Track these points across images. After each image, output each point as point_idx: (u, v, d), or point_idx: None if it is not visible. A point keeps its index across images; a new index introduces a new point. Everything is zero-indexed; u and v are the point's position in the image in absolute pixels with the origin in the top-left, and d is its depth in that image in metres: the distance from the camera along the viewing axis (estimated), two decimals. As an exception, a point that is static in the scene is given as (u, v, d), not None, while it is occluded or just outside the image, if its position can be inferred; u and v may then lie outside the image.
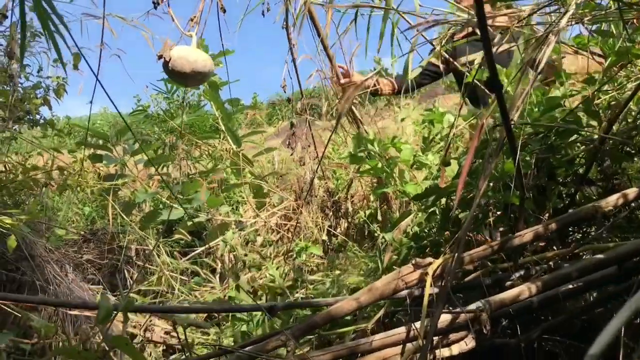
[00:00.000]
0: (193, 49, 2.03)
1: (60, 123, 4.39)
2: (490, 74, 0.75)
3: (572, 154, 1.60)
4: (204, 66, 2.00)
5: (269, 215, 4.07)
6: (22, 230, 2.18)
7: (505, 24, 1.55)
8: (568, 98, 1.65)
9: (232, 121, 4.68)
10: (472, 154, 1.01)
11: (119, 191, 3.94)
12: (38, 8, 0.97)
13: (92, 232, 4.21)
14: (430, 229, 1.74)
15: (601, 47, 1.58)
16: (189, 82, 2.06)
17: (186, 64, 1.97)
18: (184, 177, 4.83)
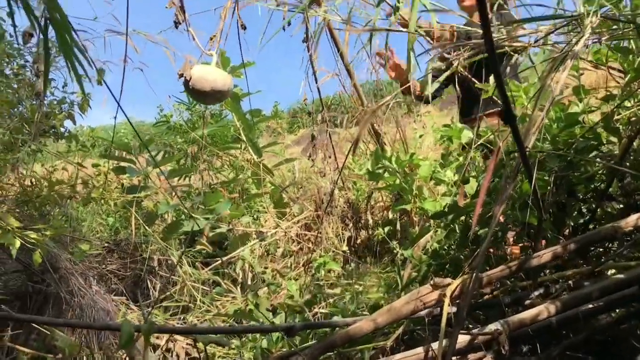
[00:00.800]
0: (213, 68, 2.06)
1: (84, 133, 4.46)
2: (504, 106, 0.75)
3: (592, 170, 1.59)
4: (224, 85, 2.03)
5: (289, 225, 4.10)
6: (47, 245, 2.22)
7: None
8: (587, 114, 1.65)
9: (253, 132, 4.72)
10: (490, 177, 1.01)
11: (142, 202, 3.99)
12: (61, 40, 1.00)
13: (115, 242, 4.27)
14: (449, 246, 1.74)
15: (620, 62, 1.57)
16: (208, 100, 2.09)
17: (206, 83, 2.00)
18: (206, 187, 4.89)
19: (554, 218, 1.67)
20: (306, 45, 2.90)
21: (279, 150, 5.75)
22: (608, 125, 1.56)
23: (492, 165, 1.00)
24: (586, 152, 1.59)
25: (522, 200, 1.46)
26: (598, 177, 1.66)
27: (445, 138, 1.90)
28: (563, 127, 1.56)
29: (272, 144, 5.02)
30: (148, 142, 4.10)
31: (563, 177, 1.56)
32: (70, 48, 1.02)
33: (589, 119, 1.67)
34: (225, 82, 2.04)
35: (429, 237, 1.77)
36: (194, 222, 3.76)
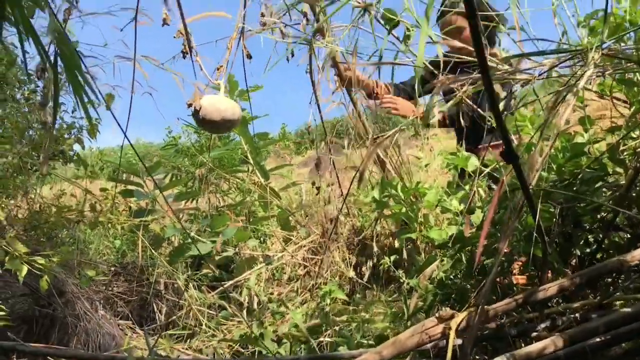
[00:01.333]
0: (222, 98, 2.08)
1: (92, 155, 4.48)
2: (505, 146, 0.76)
3: (598, 201, 1.59)
4: (233, 114, 2.05)
5: (296, 249, 4.09)
6: (54, 271, 2.23)
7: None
8: (592, 144, 1.65)
9: (260, 155, 4.75)
10: (493, 211, 1.01)
11: (149, 225, 4.01)
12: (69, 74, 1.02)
13: (122, 265, 4.28)
14: (455, 275, 1.73)
15: (625, 93, 1.58)
16: (218, 129, 2.11)
17: (215, 113, 2.02)
18: (213, 210, 4.90)
19: (560, 248, 1.66)
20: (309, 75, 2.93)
21: (286, 172, 5.77)
22: (614, 156, 1.57)
23: (496, 198, 1.00)
24: (592, 182, 1.59)
25: (527, 232, 1.46)
26: (604, 208, 1.66)
27: (451, 166, 1.91)
28: (569, 158, 1.56)
29: (279, 167, 5.04)
30: (156, 165, 4.13)
31: (569, 207, 1.56)
32: (78, 82, 1.04)
33: (595, 149, 1.68)
34: (234, 112, 2.06)
35: (435, 266, 1.76)
36: (200, 246, 3.77)
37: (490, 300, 1.51)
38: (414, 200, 1.87)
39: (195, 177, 4.97)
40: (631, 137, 1.62)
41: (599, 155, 1.55)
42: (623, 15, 1.58)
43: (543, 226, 1.25)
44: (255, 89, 4.50)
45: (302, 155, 11.82)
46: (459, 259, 1.66)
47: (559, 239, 1.64)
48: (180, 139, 8.05)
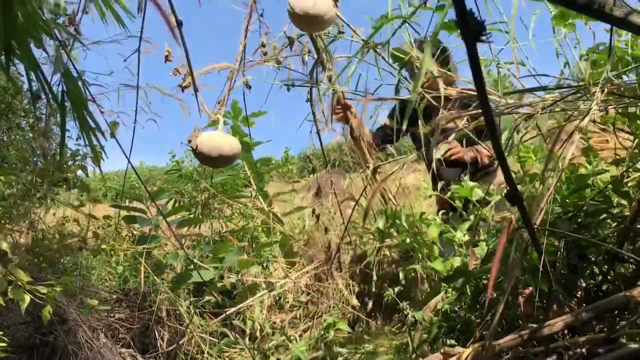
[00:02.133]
0: (219, 134, 2.11)
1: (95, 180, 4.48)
2: (508, 187, 0.76)
3: (603, 234, 1.58)
4: (230, 150, 2.08)
5: (298, 276, 4.07)
6: (56, 301, 2.22)
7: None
8: (596, 176, 1.65)
9: (263, 181, 4.75)
10: (501, 252, 1.01)
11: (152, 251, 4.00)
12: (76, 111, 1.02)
13: (124, 292, 4.26)
14: (460, 307, 1.72)
15: (628, 126, 1.58)
16: (215, 165, 2.13)
17: (213, 149, 2.05)
18: (215, 236, 4.89)
19: (565, 280, 1.65)
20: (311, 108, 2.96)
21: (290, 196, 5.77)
22: (618, 188, 1.56)
23: (503, 241, 1.00)
24: (596, 214, 1.58)
25: (533, 265, 1.45)
26: (609, 240, 1.65)
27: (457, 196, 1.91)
28: (573, 190, 1.56)
29: (281, 192, 5.04)
30: (159, 191, 4.13)
31: (574, 239, 1.55)
32: (85, 119, 1.04)
33: (599, 181, 1.68)
34: (231, 148, 2.08)
35: (439, 298, 1.75)
36: (203, 273, 3.76)
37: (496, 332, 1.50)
38: (417, 231, 1.86)
39: (198, 203, 4.97)
40: (635, 169, 1.62)
41: (603, 187, 1.55)
42: (624, 48, 1.59)
43: (548, 260, 1.24)
44: (259, 114, 4.52)
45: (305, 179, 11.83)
46: (464, 291, 1.65)
47: (564, 271, 1.63)
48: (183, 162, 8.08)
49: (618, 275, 1.72)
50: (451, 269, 1.77)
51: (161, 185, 5.89)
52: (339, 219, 3.34)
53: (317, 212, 3.17)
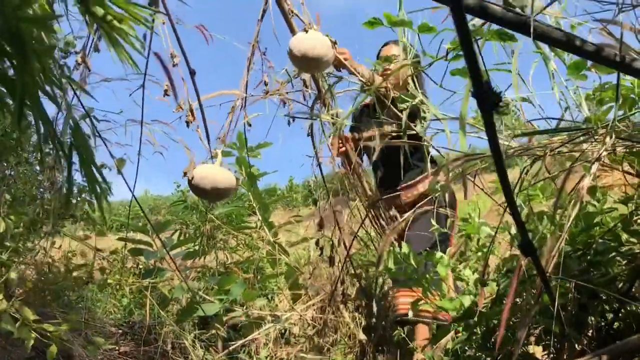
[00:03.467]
0: (216, 168, 2.13)
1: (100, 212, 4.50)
2: (521, 236, 0.76)
3: (613, 272, 1.57)
4: (224, 184, 2.09)
5: (304, 308, 4.04)
6: (62, 339, 2.22)
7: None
8: (605, 214, 1.65)
9: (268, 212, 4.76)
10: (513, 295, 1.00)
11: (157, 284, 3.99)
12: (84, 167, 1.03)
13: (129, 325, 4.24)
14: (470, 346, 1.70)
15: (635, 166, 1.59)
16: (210, 198, 2.15)
17: (207, 183, 2.08)
18: (220, 267, 4.88)
19: (576, 319, 1.64)
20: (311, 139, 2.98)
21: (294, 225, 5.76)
22: (628, 226, 1.56)
23: (514, 285, 1.00)
24: (606, 253, 1.58)
25: (544, 306, 1.44)
26: (619, 278, 1.64)
27: (463, 234, 1.91)
28: (582, 229, 1.55)
29: (287, 223, 5.04)
30: (165, 224, 4.15)
31: (584, 278, 1.54)
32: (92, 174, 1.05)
33: (607, 219, 1.67)
34: (226, 181, 2.10)
35: (449, 337, 1.74)
36: (208, 306, 3.75)
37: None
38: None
39: (204, 234, 4.97)
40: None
41: (613, 225, 1.55)
42: (630, 86, 1.60)
43: (559, 302, 1.24)
44: (264, 145, 4.55)
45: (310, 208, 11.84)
46: (474, 331, 1.63)
47: (574, 310, 1.62)
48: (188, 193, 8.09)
49: (629, 314, 1.71)
50: (460, 308, 1.76)
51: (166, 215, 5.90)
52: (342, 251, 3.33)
53: (321, 245, 3.17)
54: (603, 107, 1.61)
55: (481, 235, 1.88)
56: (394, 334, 2.43)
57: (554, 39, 1.03)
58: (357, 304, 3.38)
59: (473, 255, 1.91)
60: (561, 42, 1.02)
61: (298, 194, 13.30)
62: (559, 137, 1.31)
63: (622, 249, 1.64)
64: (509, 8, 1.08)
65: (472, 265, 1.86)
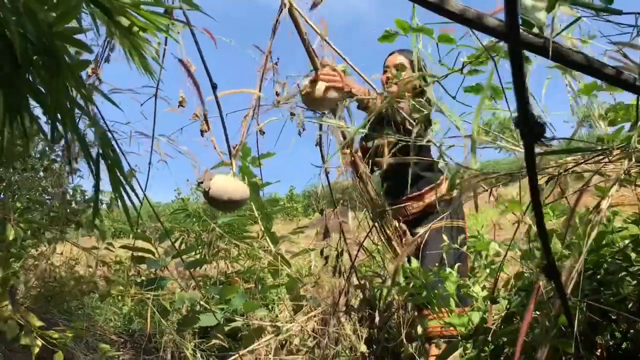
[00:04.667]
0: (230, 179, 2.14)
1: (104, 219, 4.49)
2: (546, 259, 0.76)
3: (624, 292, 1.58)
4: (240, 196, 2.10)
5: (305, 319, 4.03)
6: (67, 346, 2.21)
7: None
8: (616, 233, 1.65)
9: (271, 223, 4.76)
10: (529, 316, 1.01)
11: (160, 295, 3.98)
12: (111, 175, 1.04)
13: (129, 333, 4.23)
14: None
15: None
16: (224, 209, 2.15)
17: (223, 194, 2.08)
18: (221, 276, 4.87)
19: (585, 337, 1.64)
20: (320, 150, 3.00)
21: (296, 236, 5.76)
22: (638, 246, 1.57)
23: (531, 305, 1.00)
24: (617, 273, 1.58)
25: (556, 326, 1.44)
26: (629, 298, 1.65)
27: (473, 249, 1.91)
28: (592, 249, 1.56)
29: (290, 233, 5.04)
30: (168, 232, 4.14)
31: (594, 298, 1.55)
32: (119, 181, 1.06)
33: (618, 238, 1.68)
34: (241, 193, 2.11)
35: (457, 354, 1.74)
36: (209, 317, 3.74)
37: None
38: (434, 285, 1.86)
39: (205, 243, 4.96)
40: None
41: (624, 246, 1.56)
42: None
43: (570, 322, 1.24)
44: (267, 155, 4.56)
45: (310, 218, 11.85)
46: (484, 349, 1.63)
47: (585, 329, 1.62)
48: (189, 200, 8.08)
49: (638, 334, 1.71)
50: (469, 324, 1.76)
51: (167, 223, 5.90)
52: (347, 261, 3.33)
53: (326, 254, 3.17)
54: (615, 127, 1.62)
55: (490, 252, 1.89)
56: (402, 349, 2.42)
57: (574, 61, 1.04)
58: (361, 315, 3.37)
59: (481, 271, 1.91)
60: (581, 65, 1.03)
61: (298, 204, 13.30)
62: (573, 156, 1.32)
63: (632, 269, 1.64)
64: (528, 30, 1.09)
65: (480, 281, 1.87)
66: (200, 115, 2.13)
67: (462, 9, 1.07)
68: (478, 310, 1.75)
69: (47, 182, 3.50)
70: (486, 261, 1.93)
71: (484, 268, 1.91)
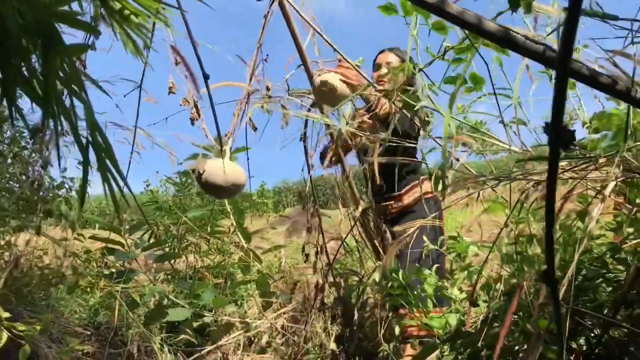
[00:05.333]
0: (227, 162, 2.04)
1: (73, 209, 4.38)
2: (548, 267, 0.76)
3: (601, 299, 1.60)
4: (238, 178, 2.02)
5: (275, 316, 4.01)
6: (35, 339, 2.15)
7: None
8: (594, 240, 1.67)
9: (243, 217, 4.72)
10: (510, 318, 1.01)
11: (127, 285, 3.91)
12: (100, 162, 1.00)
13: (95, 326, 4.15)
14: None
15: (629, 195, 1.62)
16: (222, 194, 2.06)
17: (219, 177, 1.98)
18: (190, 271, 4.81)
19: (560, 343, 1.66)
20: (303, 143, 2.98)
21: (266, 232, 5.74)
22: (616, 254, 1.59)
23: (513, 306, 1.00)
24: (594, 279, 1.60)
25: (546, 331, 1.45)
26: (605, 304, 1.67)
27: (453, 252, 1.91)
28: (571, 256, 1.57)
29: (261, 229, 5.01)
30: (138, 224, 4.07)
31: (573, 304, 1.56)
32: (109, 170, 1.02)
33: (595, 245, 1.70)
34: (239, 177, 2.03)
35: (434, 356, 1.74)
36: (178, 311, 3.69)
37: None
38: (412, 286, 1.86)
39: (175, 236, 4.89)
40: (633, 235, 1.65)
41: (602, 253, 1.58)
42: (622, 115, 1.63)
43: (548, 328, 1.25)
44: (242, 150, 4.51)
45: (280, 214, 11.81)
46: (462, 352, 1.64)
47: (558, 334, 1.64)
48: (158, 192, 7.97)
49: (612, 339, 1.74)
50: (446, 326, 1.76)
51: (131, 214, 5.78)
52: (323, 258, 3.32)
53: (307, 251, 3.15)
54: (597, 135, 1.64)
55: (469, 254, 1.90)
56: (380, 349, 2.42)
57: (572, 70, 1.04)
58: (334, 313, 3.37)
59: (459, 273, 1.92)
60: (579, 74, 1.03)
61: (269, 200, 13.23)
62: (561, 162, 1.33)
63: (609, 276, 1.67)
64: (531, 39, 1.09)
65: (458, 283, 1.87)
66: (190, 102, 2.08)
67: (461, 12, 1.07)
68: (456, 312, 1.75)
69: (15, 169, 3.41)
70: (464, 263, 1.93)
71: (462, 270, 1.92)
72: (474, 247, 1.90)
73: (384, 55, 3.03)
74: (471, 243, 1.89)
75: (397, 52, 3.00)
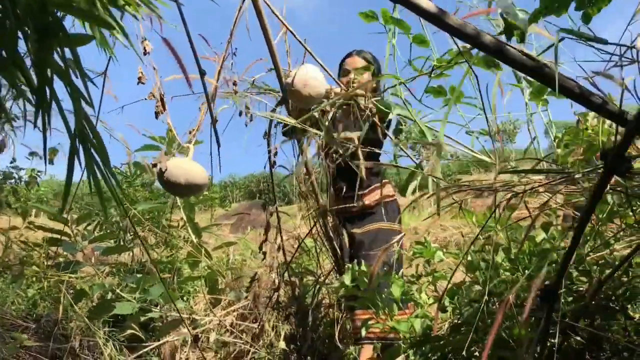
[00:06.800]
0: (189, 161, 2.00)
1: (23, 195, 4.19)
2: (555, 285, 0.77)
3: (564, 309, 1.64)
4: (200, 178, 1.97)
5: (224, 314, 3.96)
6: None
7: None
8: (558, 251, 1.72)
9: (193, 212, 4.63)
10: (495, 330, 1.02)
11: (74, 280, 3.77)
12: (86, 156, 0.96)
13: (35, 318, 3.98)
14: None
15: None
16: (182, 192, 2.00)
17: (181, 176, 1.93)
18: (136, 265, 4.68)
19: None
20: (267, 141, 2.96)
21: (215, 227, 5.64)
22: (579, 265, 1.64)
23: (499, 317, 1.01)
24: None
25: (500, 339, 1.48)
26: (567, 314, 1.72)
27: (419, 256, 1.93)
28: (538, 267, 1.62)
29: (212, 225, 4.94)
30: (86, 215, 3.94)
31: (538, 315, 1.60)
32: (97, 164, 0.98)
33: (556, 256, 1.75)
34: (201, 176, 1.98)
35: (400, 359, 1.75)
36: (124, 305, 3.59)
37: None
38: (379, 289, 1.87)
39: (122, 229, 4.75)
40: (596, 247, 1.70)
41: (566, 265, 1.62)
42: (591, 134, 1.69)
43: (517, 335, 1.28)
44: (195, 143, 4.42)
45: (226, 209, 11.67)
46: (428, 356, 1.65)
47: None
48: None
49: (569, 348, 1.79)
50: (411, 330, 1.77)
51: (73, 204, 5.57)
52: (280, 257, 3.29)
53: (265, 250, 3.11)
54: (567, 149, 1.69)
55: (435, 259, 1.92)
56: (345, 353, 2.42)
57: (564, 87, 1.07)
58: (288, 312, 3.35)
59: (424, 278, 1.94)
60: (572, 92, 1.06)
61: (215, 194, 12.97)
62: (538, 176, 1.36)
63: (573, 287, 1.72)
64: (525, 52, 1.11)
65: (424, 288, 1.89)
66: (156, 95, 2.02)
67: (462, 24, 1.08)
68: (424, 317, 1.77)
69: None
70: (429, 268, 1.96)
71: (427, 275, 1.94)
72: (440, 253, 1.92)
73: (353, 60, 3.01)
74: (437, 249, 1.91)
75: (364, 55, 3.00)
